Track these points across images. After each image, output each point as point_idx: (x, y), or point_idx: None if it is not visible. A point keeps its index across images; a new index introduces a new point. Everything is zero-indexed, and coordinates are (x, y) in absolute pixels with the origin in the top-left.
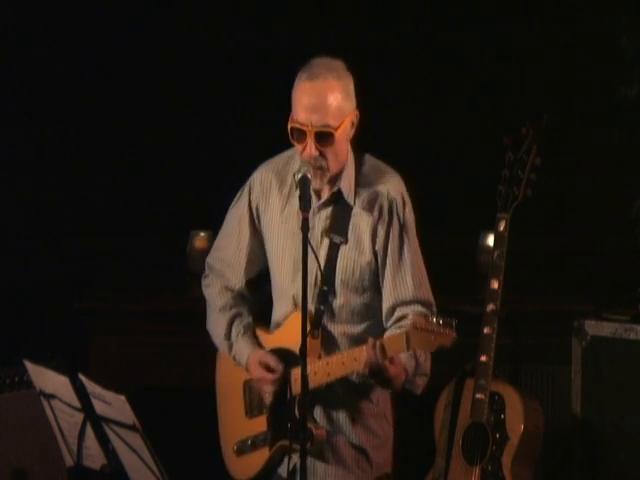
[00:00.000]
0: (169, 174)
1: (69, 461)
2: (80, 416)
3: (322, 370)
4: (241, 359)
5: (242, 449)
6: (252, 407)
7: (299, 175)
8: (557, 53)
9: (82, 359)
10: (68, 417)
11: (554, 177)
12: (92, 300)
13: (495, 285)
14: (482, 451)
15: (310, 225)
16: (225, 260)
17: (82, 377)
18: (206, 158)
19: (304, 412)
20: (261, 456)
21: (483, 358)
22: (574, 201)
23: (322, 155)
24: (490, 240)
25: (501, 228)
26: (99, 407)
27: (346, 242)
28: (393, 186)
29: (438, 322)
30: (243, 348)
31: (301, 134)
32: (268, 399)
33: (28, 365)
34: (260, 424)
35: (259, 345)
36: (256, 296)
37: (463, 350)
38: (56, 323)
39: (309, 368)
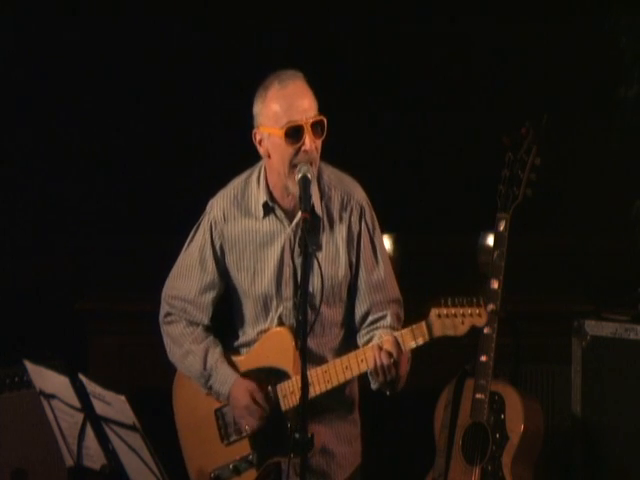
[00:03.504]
0: (170, 174)
1: (69, 461)
2: (80, 416)
3: (320, 379)
4: (221, 388)
5: (221, 476)
6: (228, 433)
7: (299, 175)
8: (557, 53)
9: (82, 359)
10: (68, 417)
11: (554, 177)
12: (92, 300)
13: (495, 285)
14: (482, 451)
15: (288, 244)
16: (186, 299)
17: (82, 377)
18: (207, 158)
19: (305, 418)
20: (247, 479)
21: (483, 358)
22: (574, 201)
23: (315, 149)
24: (490, 240)
25: (501, 228)
26: (99, 407)
27: (320, 249)
28: (357, 193)
29: (461, 303)
30: (225, 376)
31: (298, 131)
32: (247, 429)
33: (28, 365)
34: (241, 448)
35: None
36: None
37: (463, 350)
38: (56, 323)
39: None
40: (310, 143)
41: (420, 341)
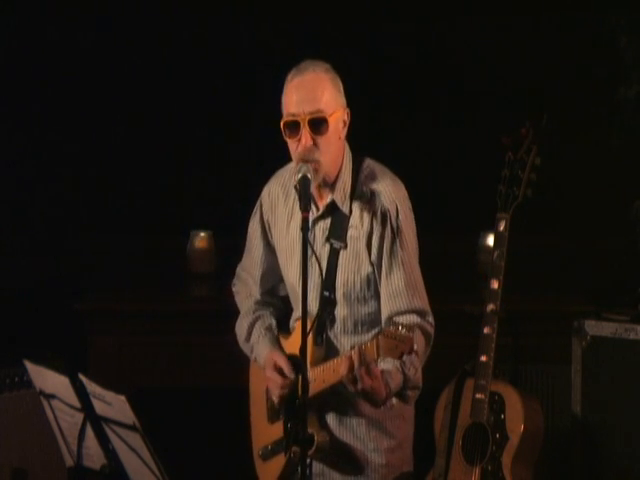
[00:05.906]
0: (169, 174)
1: (69, 461)
2: (80, 416)
3: (319, 377)
4: (260, 360)
5: (265, 455)
6: (272, 413)
7: (299, 175)
8: (557, 53)
9: (82, 359)
10: (68, 417)
11: (554, 177)
12: (92, 300)
13: (495, 285)
14: (482, 451)
15: (311, 236)
16: (247, 270)
17: (82, 377)
18: (206, 158)
19: (304, 414)
20: (278, 463)
21: (483, 358)
22: (574, 201)
23: (316, 145)
24: (490, 240)
25: (501, 228)
26: (99, 407)
27: (345, 247)
28: (388, 194)
29: (402, 331)
30: (262, 349)
31: (294, 126)
32: (276, 402)
33: (28, 365)
34: (279, 430)
35: (280, 348)
36: (281, 302)
37: (463, 350)
38: (56, 323)
39: (310, 375)
40: (306, 140)
41: (368, 358)
